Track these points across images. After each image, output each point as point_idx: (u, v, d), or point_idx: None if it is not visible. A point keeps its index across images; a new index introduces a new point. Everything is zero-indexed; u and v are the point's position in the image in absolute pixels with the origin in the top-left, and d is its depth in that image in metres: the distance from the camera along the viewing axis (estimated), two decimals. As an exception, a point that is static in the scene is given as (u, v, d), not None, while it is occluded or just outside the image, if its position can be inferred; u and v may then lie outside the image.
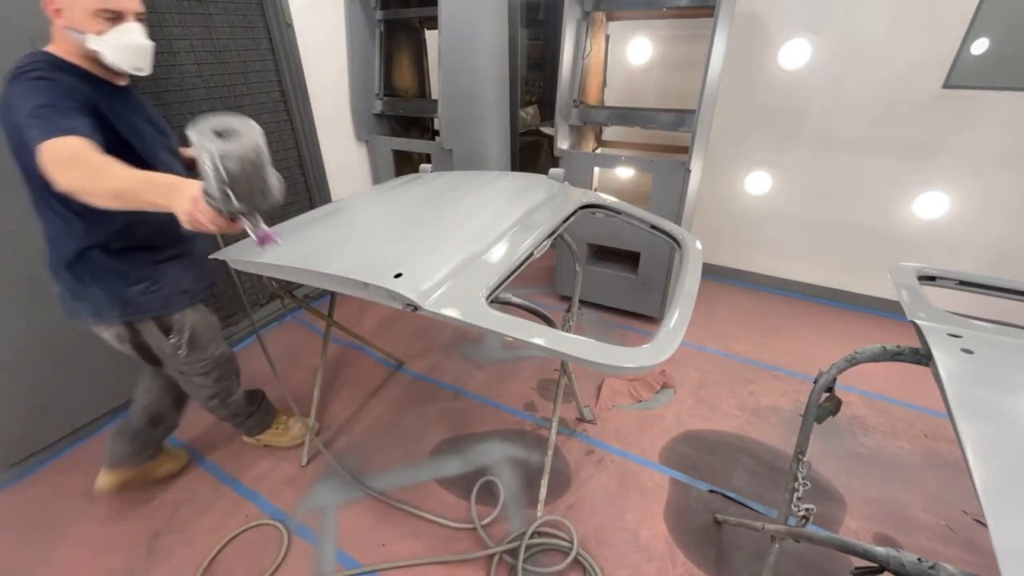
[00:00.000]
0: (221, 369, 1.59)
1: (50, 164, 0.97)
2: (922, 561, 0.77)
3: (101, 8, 1.08)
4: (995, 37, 2.16)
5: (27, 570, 1.54)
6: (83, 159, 0.97)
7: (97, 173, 0.96)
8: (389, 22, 3.02)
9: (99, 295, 1.28)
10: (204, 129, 0.84)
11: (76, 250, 1.23)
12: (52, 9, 1.09)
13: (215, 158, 0.82)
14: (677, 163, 2.32)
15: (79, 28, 1.09)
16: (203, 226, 0.91)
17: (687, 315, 1.06)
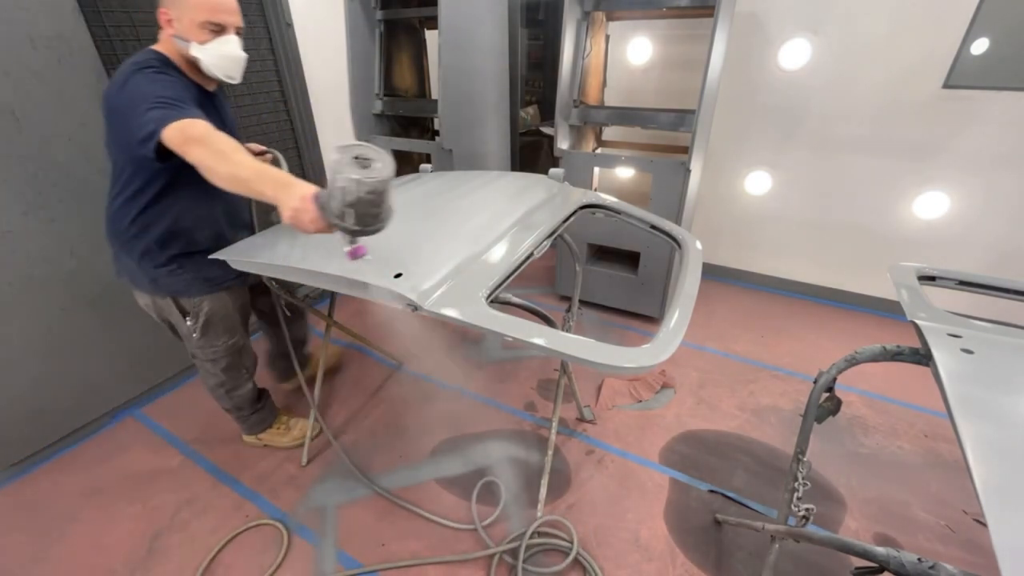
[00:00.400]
0: (231, 359, 1.64)
1: (181, 139, 1.09)
2: (922, 561, 0.77)
3: (207, 21, 1.22)
4: (995, 37, 2.16)
5: (27, 570, 1.54)
6: (213, 141, 1.09)
7: (223, 155, 1.08)
8: (389, 22, 3.02)
9: (132, 266, 1.43)
10: (347, 153, 0.92)
11: (126, 224, 1.36)
12: (165, 19, 1.24)
13: (348, 182, 0.90)
14: (677, 163, 2.32)
15: (185, 37, 1.23)
16: (303, 225, 1.00)
17: (687, 315, 1.06)
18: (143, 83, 1.17)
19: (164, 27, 1.25)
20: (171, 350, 2.28)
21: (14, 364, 1.78)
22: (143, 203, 1.33)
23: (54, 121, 1.73)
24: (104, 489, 1.82)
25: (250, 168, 1.07)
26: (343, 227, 0.96)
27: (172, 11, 1.22)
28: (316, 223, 0.99)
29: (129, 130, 1.14)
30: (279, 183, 1.04)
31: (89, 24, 1.77)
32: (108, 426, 2.11)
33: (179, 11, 1.21)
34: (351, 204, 0.91)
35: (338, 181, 0.91)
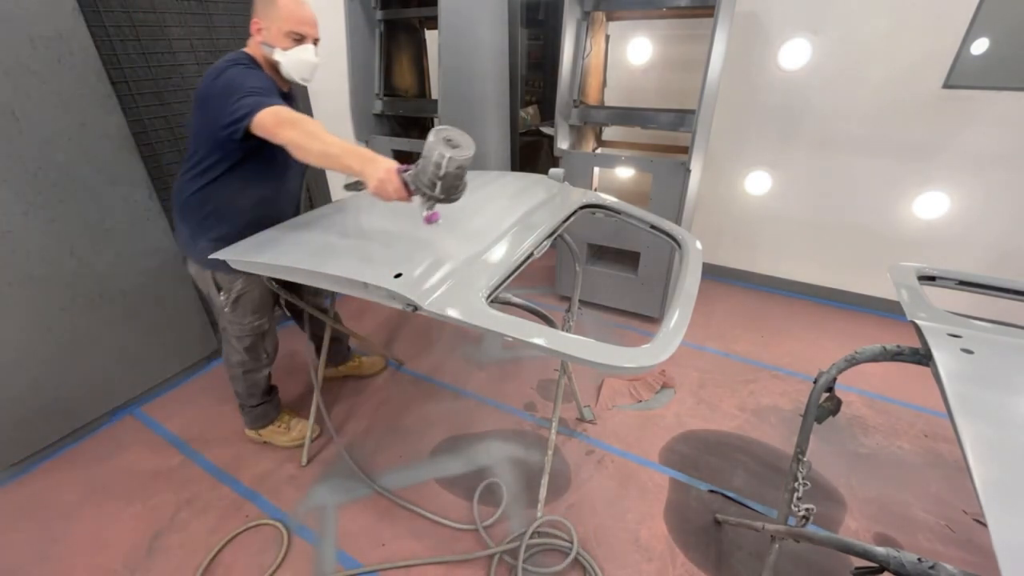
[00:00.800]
0: (254, 339, 1.74)
1: (273, 122, 1.27)
2: (922, 561, 0.77)
3: (291, 31, 1.41)
4: (995, 37, 2.16)
5: (27, 569, 1.54)
6: (302, 123, 1.27)
7: (313, 135, 1.24)
8: (389, 22, 3.02)
9: (186, 233, 1.58)
10: (440, 135, 1.09)
11: (189, 195, 1.52)
12: (255, 28, 1.43)
13: (443, 159, 1.07)
14: (677, 163, 2.32)
15: (271, 43, 1.42)
16: (387, 194, 1.17)
17: (687, 315, 1.06)
18: (238, 75, 1.35)
19: (254, 34, 1.44)
20: (171, 349, 2.29)
21: (14, 364, 1.78)
22: (210, 178, 1.48)
23: (54, 121, 1.73)
24: (104, 488, 1.82)
25: (339, 145, 1.22)
26: (432, 196, 1.13)
27: (263, 21, 1.41)
28: (399, 192, 1.16)
29: (220, 113, 1.31)
30: (365, 158, 1.20)
31: (89, 24, 1.77)
32: (108, 425, 2.11)
33: (269, 22, 1.40)
34: (441, 177, 1.09)
35: (433, 157, 1.07)
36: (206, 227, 1.55)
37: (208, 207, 1.52)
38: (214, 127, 1.35)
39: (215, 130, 1.35)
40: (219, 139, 1.37)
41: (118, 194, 1.96)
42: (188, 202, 1.53)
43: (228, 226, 1.54)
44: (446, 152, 1.07)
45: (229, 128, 1.31)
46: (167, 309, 2.22)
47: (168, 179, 2.22)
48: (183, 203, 1.55)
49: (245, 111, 1.28)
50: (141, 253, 2.07)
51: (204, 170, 1.47)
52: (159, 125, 2.15)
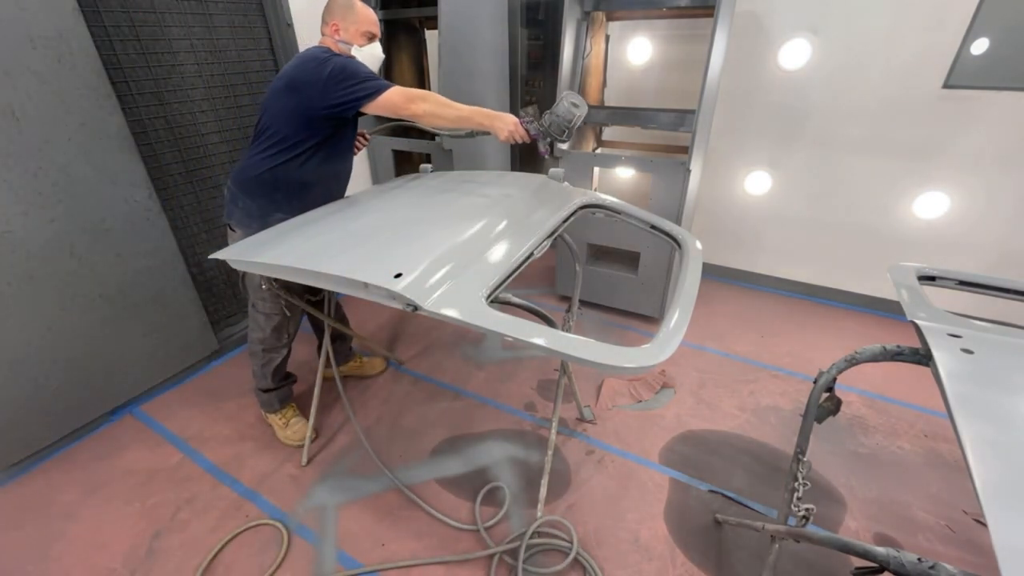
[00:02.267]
0: (281, 319, 1.80)
1: (404, 99, 1.50)
2: (922, 561, 0.77)
3: (368, 31, 1.66)
4: (995, 37, 2.16)
5: (26, 569, 1.54)
6: (432, 96, 1.53)
7: (445, 104, 1.52)
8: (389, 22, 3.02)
9: (251, 208, 1.66)
10: (569, 99, 1.54)
11: (263, 171, 1.62)
12: (333, 28, 1.64)
13: (575, 116, 1.55)
14: (677, 163, 2.32)
15: (348, 41, 1.64)
16: (516, 139, 1.55)
17: (687, 315, 1.06)
18: (348, 64, 1.52)
19: (330, 34, 1.64)
20: (171, 349, 2.29)
21: (14, 364, 1.78)
22: (292, 155, 1.60)
23: (54, 121, 1.73)
24: (103, 488, 1.82)
25: (468, 109, 1.53)
26: (557, 138, 1.57)
27: (341, 23, 1.63)
28: (525, 137, 1.55)
29: (328, 95, 1.49)
30: (493, 115, 1.54)
31: (89, 24, 1.77)
32: (107, 424, 2.11)
33: (347, 23, 1.63)
34: (570, 125, 1.55)
35: (564, 114, 1.53)
36: (275, 203, 1.65)
37: (281, 183, 1.64)
38: (314, 108, 1.52)
39: (314, 111, 1.52)
40: (314, 119, 1.55)
41: (118, 194, 1.96)
42: (262, 177, 1.63)
43: (296, 202, 1.66)
44: (576, 111, 1.53)
45: (343, 106, 1.51)
46: (167, 309, 2.22)
47: (168, 179, 2.23)
48: (255, 177, 1.64)
49: (369, 91, 1.49)
50: (141, 253, 2.07)
51: (286, 148, 1.59)
52: (159, 125, 2.15)
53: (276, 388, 1.97)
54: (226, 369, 2.47)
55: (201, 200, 2.38)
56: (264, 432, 2.05)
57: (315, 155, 1.64)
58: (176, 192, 2.28)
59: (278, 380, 1.96)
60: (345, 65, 1.51)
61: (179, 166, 2.26)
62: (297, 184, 1.66)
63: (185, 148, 2.26)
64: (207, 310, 2.41)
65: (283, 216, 1.61)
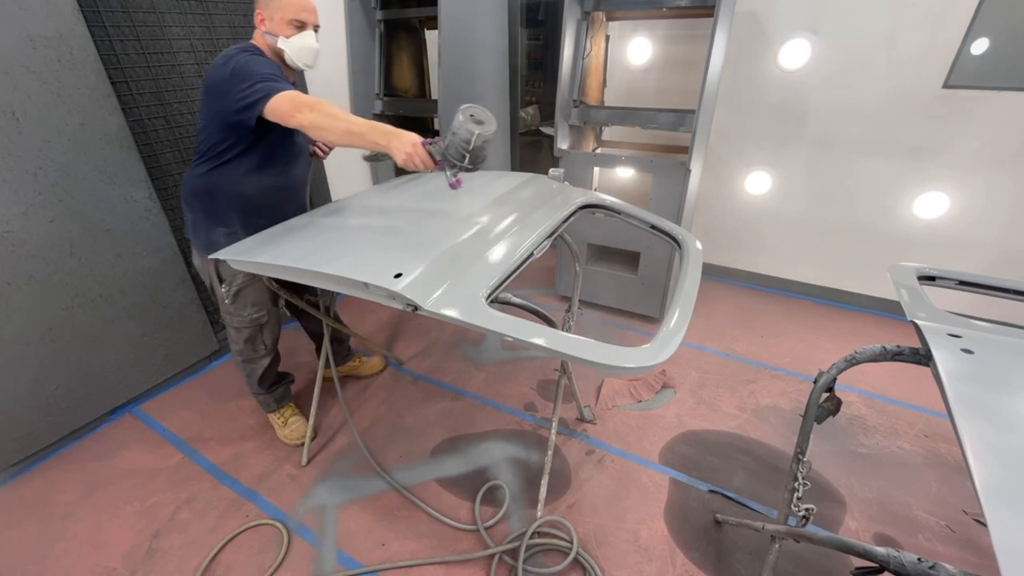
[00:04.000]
0: (252, 331, 1.76)
1: (290, 106, 1.30)
2: (922, 561, 0.77)
3: (292, 19, 1.46)
4: (995, 37, 2.16)
5: (26, 569, 1.54)
6: (321, 105, 1.30)
7: (335, 115, 1.29)
8: (389, 22, 3.02)
9: (196, 220, 1.60)
10: (467, 113, 1.20)
11: (198, 181, 1.54)
12: (259, 19, 1.48)
13: (473, 134, 1.18)
14: (677, 163, 2.32)
15: (274, 32, 1.47)
16: (415, 164, 1.24)
17: (687, 315, 1.06)
18: (249, 62, 1.38)
19: (258, 26, 1.49)
20: (171, 349, 2.29)
21: (14, 364, 1.78)
22: (218, 163, 1.50)
23: (54, 121, 1.73)
24: (103, 487, 1.82)
25: (363, 123, 1.28)
26: (461, 166, 1.23)
27: (265, 12, 1.46)
28: (426, 162, 1.24)
29: (231, 99, 1.35)
30: (390, 133, 1.26)
31: (89, 24, 1.77)
32: (107, 424, 2.11)
33: (271, 11, 1.46)
34: (470, 150, 1.21)
35: (462, 133, 1.18)
36: (214, 216, 1.57)
37: (216, 194, 1.55)
38: (225, 113, 1.39)
39: (226, 116, 1.39)
40: (230, 124, 1.41)
41: (118, 194, 1.96)
42: (196, 188, 1.55)
43: (236, 215, 1.57)
44: (474, 128, 1.18)
45: (241, 113, 1.35)
46: (167, 309, 2.22)
47: (168, 179, 2.22)
48: (191, 190, 1.57)
49: (259, 95, 1.32)
50: (141, 253, 2.07)
51: (212, 156, 1.50)
52: (159, 125, 2.15)
53: (269, 391, 1.97)
54: (226, 369, 2.47)
55: (201, 200, 2.38)
56: (264, 432, 2.05)
57: (244, 163, 1.52)
58: (176, 192, 2.27)
59: (267, 385, 1.95)
60: (242, 65, 1.37)
61: (179, 166, 2.26)
62: (231, 197, 1.55)
63: (185, 148, 2.26)
64: (207, 310, 2.41)
65: (226, 231, 1.55)
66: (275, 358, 1.91)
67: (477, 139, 1.20)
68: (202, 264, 1.67)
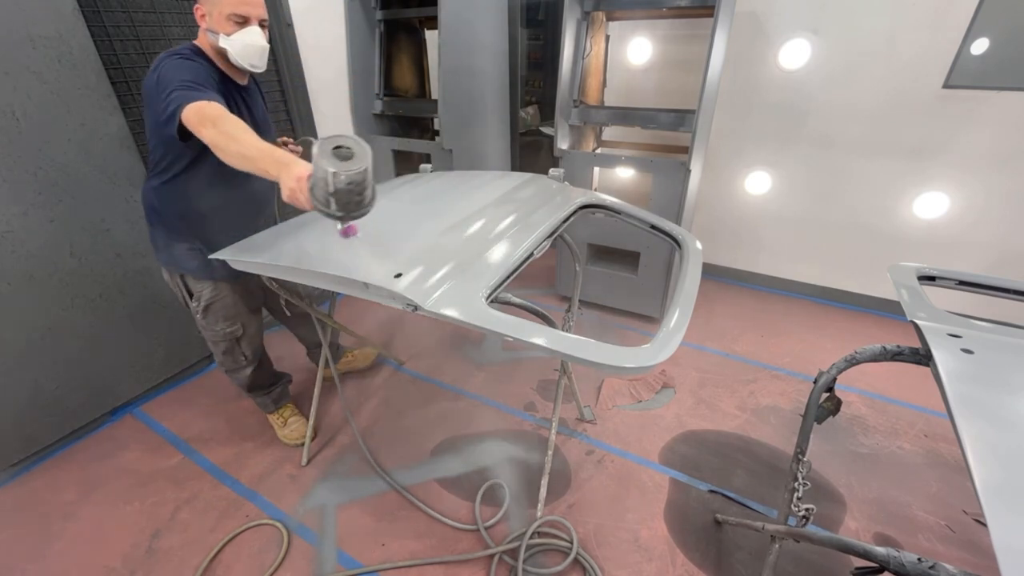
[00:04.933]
0: (227, 344, 1.72)
1: (196, 119, 1.18)
2: (922, 561, 0.77)
3: (232, 13, 1.33)
4: (995, 37, 2.16)
5: (26, 568, 1.54)
6: (224, 122, 1.18)
7: (231, 136, 1.16)
8: (389, 22, 3.02)
9: (158, 238, 1.54)
10: (326, 146, 0.96)
11: (152, 198, 1.49)
12: (199, 15, 1.36)
13: (327, 175, 0.96)
14: (677, 163, 2.32)
15: (215, 29, 1.34)
16: (299, 203, 1.06)
17: (687, 315, 1.06)
18: (171, 68, 1.28)
19: (199, 22, 1.37)
20: (171, 349, 2.29)
21: (14, 364, 1.78)
22: (167, 178, 1.43)
23: (54, 121, 1.73)
24: (103, 487, 1.82)
25: (255, 148, 1.14)
26: (329, 213, 1.02)
27: (204, 7, 1.34)
28: (309, 203, 1.04)
29: (156, 110, 1.26)
30: (281, 163, 1.09)
31: (89, 24, 1.77)
32: (107, 424, 2.11)
33: (210, 6, 1.34)
34: (332, 194, 0.98)
35: (318, 173, 0.97)
36: (171, 231, 1.51)
37: (171, 209, 1.48)
38: (157, 125, 1.29)
39: (159, 128, 1.28)
40: (165, 137, 1.30)
41: (118, 194, 1.96)
42: (150, 203, 1.49)
43: (194, 231, 1.50)
44: (330, 167, 0.95)
45: (166, 127, 1.25)
46: (167, 309, 2.21)
47: (168, 179, 2.22)
48: (149, 207, 1.51)
49: (174, 106, 1.21)
50: (141, 253, 2.07)
51: (161, 171, 1.43)
52: (159, 125, 2.15)
53: (265, 393, 1.96)
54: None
55: (201, 200, 2.38)
56: (264, 432, 2.05)
57: (196, 178, 1.43)
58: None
59: (261, 390, 1.94)
60: (163, 73, 1.27)
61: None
62: (184, 213, 1.48)
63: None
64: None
65: (188, 246, 1.50)
66: (259, 365, 1.87)
67: (336, 180, 0.95)
68: (170, 279, 1.62)
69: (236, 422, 2.11)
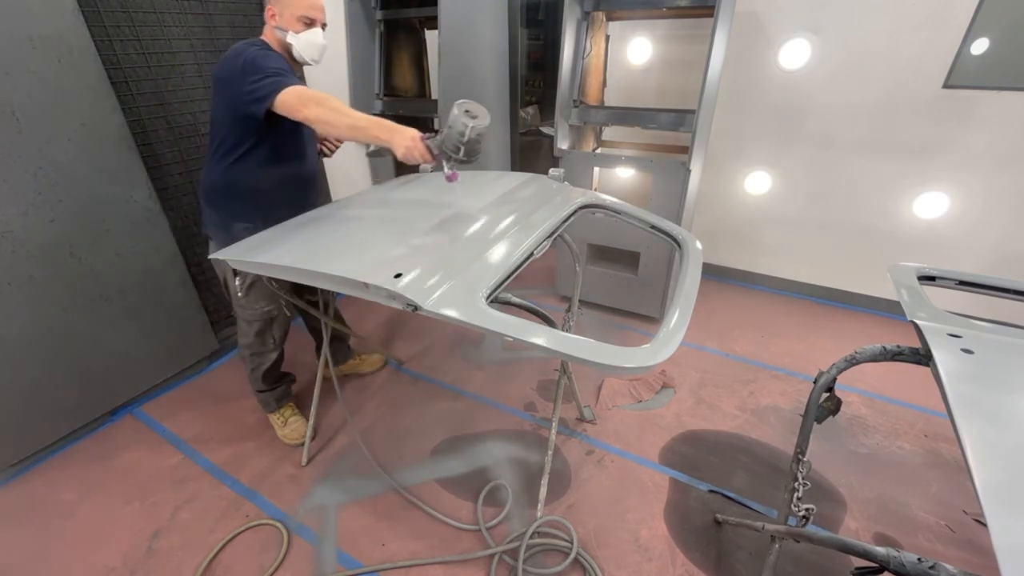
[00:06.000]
0: (262, 325, 1.79)
1: (297, 101, 1.35)
2: (922, 561, 0.77)
3: (302, 15, 1.52)
4: (995, 37, 2.16)
5: (26, 568, 1.54)
6: (327, 100, 1.36)
7: (340, 110, 1.35)
8: (389, 22, 3.02)
9: (215, 218, 1.64)
10: (462, 107, 1.26)
11: (217, 177, 1.58)
12: (269, 14, 1.53)
13: (466, 128, 1.24)
14: (677, 163, 2.32)
15: (284, 27, 1.52)
16: (414, 158, 1.31)
17: (687, 315, 1.06)
18: (260, 57, 1.42)
19: (268, 21, 1.53)
20: (171, 349, 2.29)
21: (14, 364, 1.78)
22: (233, 159, 1.54)
23: (54, 121, 1.73)
24: (103, 487, 1.82)
25: (364, 119, 1.35)
26: (456, 159, 1.30)
27: (276, 8, 1.52)
28: (424, 156, 1.31)
29: (240, 93, 1.39)
30: (391, 128, 1.32)
31: (89, 24, 1.77)
32: (107, 424, 2.11)
33: (281, 7, 1.51)
34: (464, 143, 1.26)
35: (457, 127, 1.24)
36: (233, 211, 1.61)
37: (234, 190, 1.59)
38: (235, 106, 1.43)
39: (236, 108, 1.43)
40: (239, 118, 1.45)
41: (118, 194, 1.96)
42: (215, 186, 1.59)
43: (255, 209, 1.61)
44: (468, 122, 1.24)
45: (251, 106, 1.39)
46: (167, 309, 2.21)
47: (168, 179, 2.22)
48: (210, 187, 1.61)
49: (268, 90, 1.36)
50: (141, 253, 2.07)
51: (226, 152, 1.54)
52: (159, 125, 2.15)
53: (270, 389, 1.98)
54: (226, 369, 2.47)
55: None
56: (264, 432, 2.05)
57: (257, 158, 1.56)
58: (176, 192, 2.27)
59: (271, 383, 1.97)
60: (254, 58, 1.41)
61: (179, 166, 2.26)
62: (249, 191, 1.59)
63: (185, 148, 2.26)
64: (207, 310, 2.40)
65: (245, 226, 1.57)
66: (281, 354, 1.93)
67: (471, 132, 1.25)
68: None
69: (236, 422, 2.11)
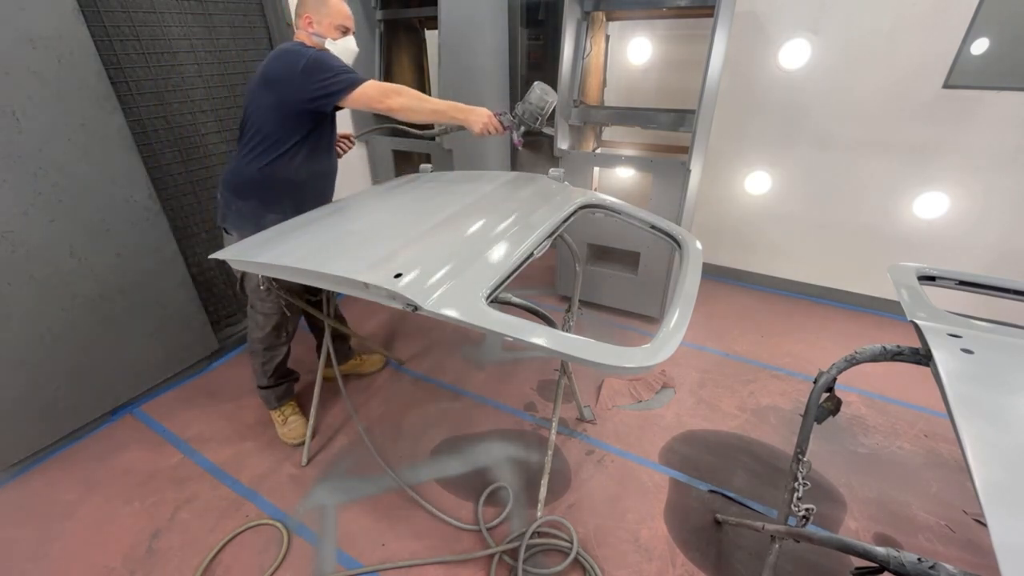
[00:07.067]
0: (280, 318, 1.82)
1: (379, 93, 1.50)
2: (922, 561, 0.77)
3: (340, 24, 1.64)
4: (995, 37, 2.16)
5: (25, 568, 1.54)
6: (407, 90, 1.53)
7: (422, 99, 1.54)
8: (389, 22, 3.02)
9: (244, 209, 1.68)
10: (540, 87, 1.58)
11: (254, 171, 1.62)
12: (306, 22, 1.61)
13: (546, 104, 1.59)
14: (677, 163, 2.32)
15: (322, 34, 1.62)
16: (490, 132, 1.59)
17: (687, 315, 1.06)
18: (323, 56, 1.51)
19: (304, 27, 1.62)
20: (171, 349, 2.29)
21: (14, 364, 1.78)
22: (278, 152, 1.60)
23: (54, 121, 1.73)
24: (103, 487, 1.82)
25: (443, 103, 1.56)
26: (533, 127, 1.63)
27: (314, 16, 1.60)
28: (499, 129, 1.60)
29: (305, 89, 1.48)
30: (467, 109, 1.57)
31: (89, 24, 1.77)
32: (107, 424, 2.11)
33: (319, 16, 1.60)
34: (543, 114, 1.61)
35: (536, 102, 1.58)
36: (267, 202, 1.66)
37: (273, 183, 1.64)
38: (292, 103, 1.51)
39: (293, 105, 1.52)
40: (294, 114, 1.54)
41: (118, 194, 1.95)
42: (250, 178, 1.63)
43: (288, 200, 1.67)
44: (549, 97, 1.57)
45: (319, 101, 1.49)
46: (167, 309, 2.22)
47: (168, 179, 2.23)
48: (244, 180, 1.64)
49: (344, 84, 1.47)
50: (141, 253, 2.07)
51: (269, 146, 1.59)
52: (159, 125, 2.15)
53: (275, 385, 1.99)
54: (226, 369, 2.47)
55: (201, 200, 2.38)
56: (264, 432, 2.05)
57: (300, 152, 1.63)
58: (176, 192, 2.28)
59: (278, 377, 1.98)
60: (319, 58, 1.49)
61: (179, 166, 2.26)
62: (286, 183, 1.66)
63: (185, 148, 2.26)
64: (207, 310, 2.40)
65: (276, 216, 1.61)
66: (290, 348, 1.95)
67: (548, 107, 1.60)
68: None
69: (236, 422, 2.11)
